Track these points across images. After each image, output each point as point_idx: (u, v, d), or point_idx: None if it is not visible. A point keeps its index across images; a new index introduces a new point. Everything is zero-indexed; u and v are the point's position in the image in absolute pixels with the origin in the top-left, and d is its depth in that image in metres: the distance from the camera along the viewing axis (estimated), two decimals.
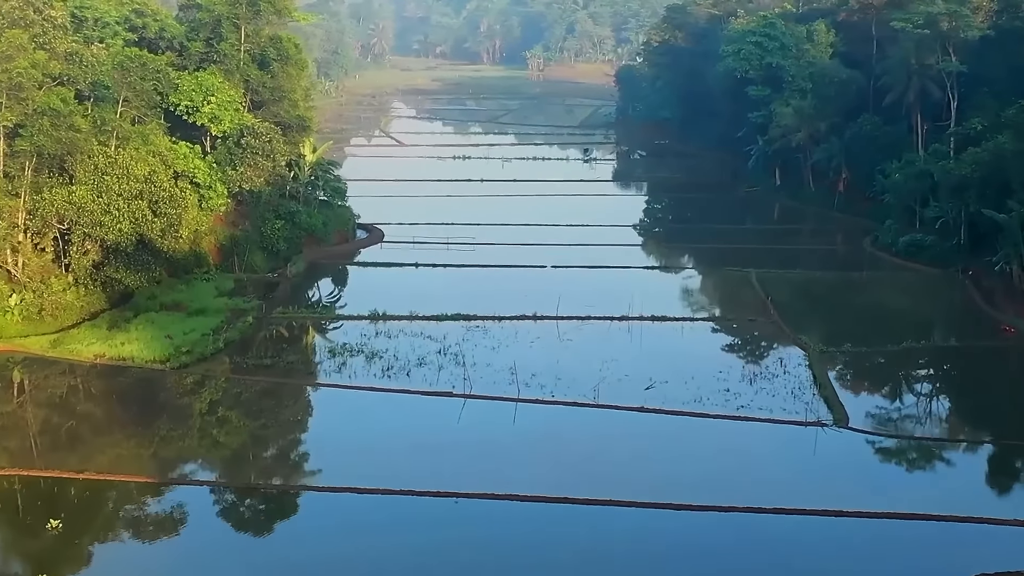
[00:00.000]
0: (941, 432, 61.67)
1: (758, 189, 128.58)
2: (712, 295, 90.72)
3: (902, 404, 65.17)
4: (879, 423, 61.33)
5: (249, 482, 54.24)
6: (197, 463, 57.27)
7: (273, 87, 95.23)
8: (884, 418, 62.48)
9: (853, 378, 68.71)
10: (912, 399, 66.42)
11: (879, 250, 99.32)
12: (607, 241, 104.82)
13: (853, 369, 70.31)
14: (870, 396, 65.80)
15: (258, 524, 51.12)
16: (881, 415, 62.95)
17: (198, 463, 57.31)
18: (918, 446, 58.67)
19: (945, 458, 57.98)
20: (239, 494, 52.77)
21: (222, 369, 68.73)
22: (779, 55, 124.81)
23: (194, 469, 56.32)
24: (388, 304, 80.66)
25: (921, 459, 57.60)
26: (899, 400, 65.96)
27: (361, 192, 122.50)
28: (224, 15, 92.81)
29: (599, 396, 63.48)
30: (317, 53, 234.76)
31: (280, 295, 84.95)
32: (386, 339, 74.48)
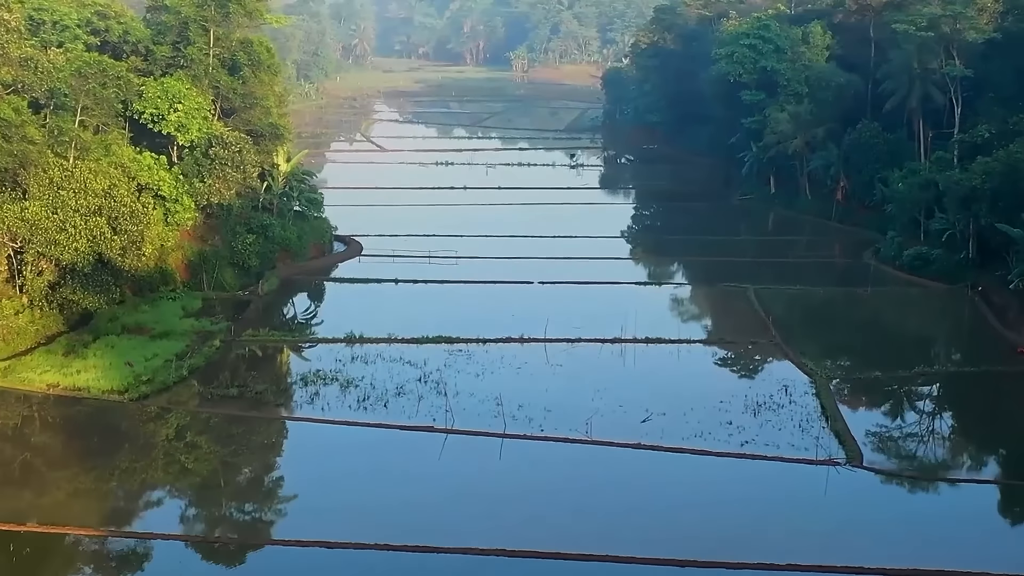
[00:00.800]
0: (963, 471, 56.93)
1: (752, 197, 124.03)
2: (709, 314, 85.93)
3: (918, 439, 60.31)
4: (895, 461, 56.67)
5: (208, 536, 49.22)
6: (152, 510, 52.16)
7: (244, 93, 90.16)
8: (900, 455, 57.85)
9: (864, 409, 63.97)
10: (928, 432, 61.55)
11: (882, 263, 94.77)
12: (596, 253, 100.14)
13: (863, 398, 65.67)
14: (883, 429, 60.91)
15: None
16: (896, 451, 58.31)
17: (153, 510, 52.19)
18: (939, 488, 53.96)
19: (971, 502, 53.22)
20: (196, 549, 47.72)
21: (185, 400, 63.67)
22: (774, 58, 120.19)
23: (147, 519, 51.18)
24: (365, 325, 75.92)
25: (943, 504, 52.87)
26: (915, 434, 61.09)
27: (339, 201, 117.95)
28: (191, 17, 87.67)
29: (592, 431, 58.69)
30: (297, 55, 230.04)
31: (251, 315, 79.95)
32: (362, 365, 69.55)
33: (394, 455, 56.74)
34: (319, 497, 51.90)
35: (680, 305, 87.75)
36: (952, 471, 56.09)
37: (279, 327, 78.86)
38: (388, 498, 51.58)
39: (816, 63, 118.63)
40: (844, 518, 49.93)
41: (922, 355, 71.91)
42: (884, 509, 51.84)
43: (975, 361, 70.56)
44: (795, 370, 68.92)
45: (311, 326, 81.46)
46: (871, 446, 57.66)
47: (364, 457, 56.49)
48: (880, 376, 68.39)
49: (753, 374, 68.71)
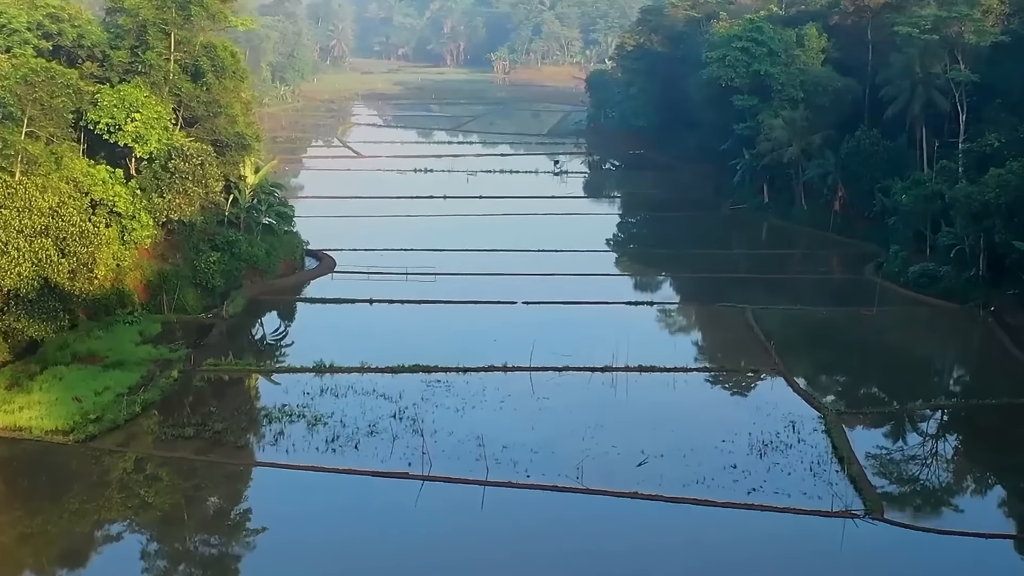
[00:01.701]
0: (994, 523, 51.47)
1: (744, 207, 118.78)
2: (705, 338, 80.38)
3: (942, 485, 55.01)
4: (918, 512, 51.31)
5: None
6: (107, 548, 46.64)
7: (207, 101, 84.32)
8: (923, 504, 52.58)
9: (880, 448, 58.48)
10: (952, 478, 56.22)
11: (885, 280, 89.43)
12: (583, 269, 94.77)
13: (879, 435, 60.28)
14: (902, 473, 55.64)
15: None
16: (919, 500, 53.08)
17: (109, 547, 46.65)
18: (968, 544, 48.60)
19: (1007, 561, 47.91)
20: None
21: (135, 442, 57.91)
22: (767, 62, 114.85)
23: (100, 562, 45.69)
24: (337, 351, 70.39)
25: (974, 562, 47.51)
26: (939, 479, 55.75)
27: (313, 211, 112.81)
28: (150, 20, 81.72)
29: (583, 476, 53.24)
30: (272, 56, 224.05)
31: (214, 340, 74.21)
32: (332, 398, 63.97)
33: (365, 508, 51.32)
34: (279, 567, 46.34)
35: (674, 328, 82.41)
36: (983, 523, 50.68)
37: (244, 354, 73.04)
38: (356, 562, 46.08)
39: (811, 67, 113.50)
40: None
41: (938, 385, 67.12)
42: (908, 568, 46.66)
43: (996, 391, 65.19)
44: (802, 403, 63.65)
45: (278, 353, 75.75)
46: (891, 494, 52.43)
47: (331, 510, 50.96)
48: (894, 410, 63.25)
49: (757, 408, 63.19)
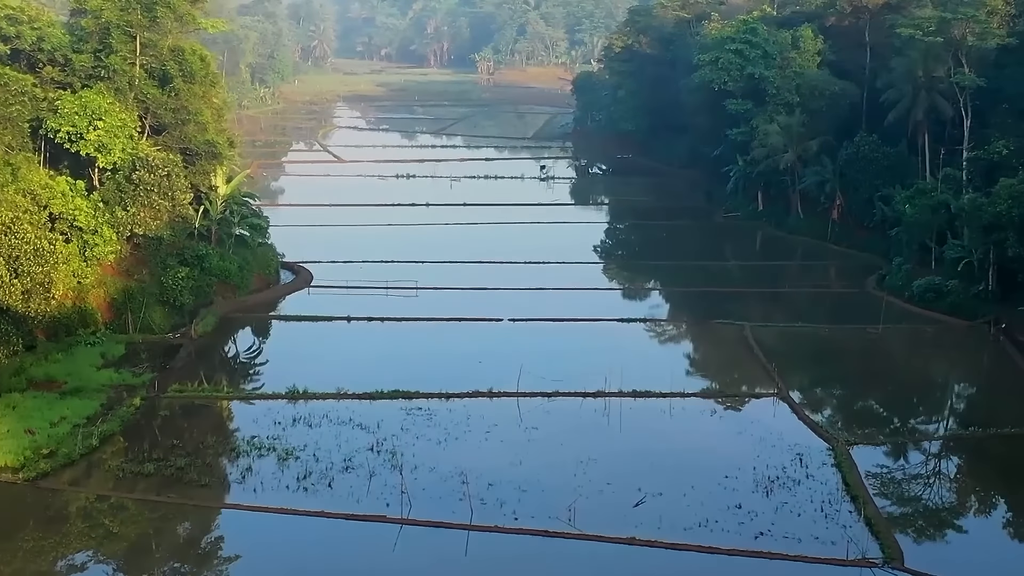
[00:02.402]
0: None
1: (738, 215, 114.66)
2: (702, 358, 76.04)
3: (966, 528, 50.82)
4: (942, 560, 47.01)
5: None
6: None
7: (175, 108, 79.82)
8: (947, 550, 48.34)
9: (894, 483, 54.31)
10: (977, 519, 52.05)
11: (888, 294, 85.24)
12: (571, 282, 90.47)
13: (891, 469, 56.02)
14: (922, 514, 51.42)
15: None
16: (942, 545, 48.83)
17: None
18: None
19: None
20: None
21: (90, 479, 53.46)
22: (761, 65, 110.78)
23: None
24: (312, 374, 66.07)
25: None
26: (961, 521, 51.54)
27: (290, 219, 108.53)
28: (113, 22, 77.16)
29: (576, 518, 48.93)
30: (251, 57, 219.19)
31: (181, 363, 69.77)
32: (306, 428, 59.57)
33: (337, 556, 46.79)
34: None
35: (668, 347, 78.24)
36: (1016, 573, 46.56)
37: (214, 377, 68.56)
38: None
39: (808, 70, 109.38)
40: None
41: (952, 412, 62.95)
42: None
43: (1016, 419, 60.98)
44: (808, 432, 59.50)
45: (250, 376, 71.20)
46: (910, 538, 48.19)
47: (300, 561, 46.43)
48: (908, 441, 59.18)
49: (760, 438, 58.87)
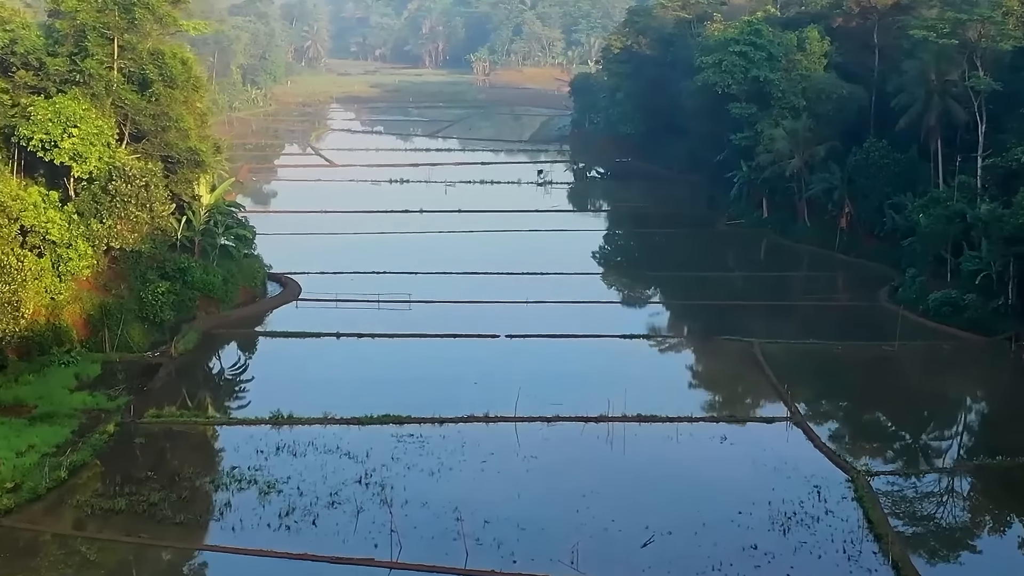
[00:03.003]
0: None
1: (742, 223, 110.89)
2: (710, 379, 72.16)
3: (998, 572, 47.18)
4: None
5: None
6: None
7: (156, 114, 76.03)
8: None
9: (920, 519, 50.61)
10: (1011, 559, 48.34)
11: (901, 307, 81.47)
12: (570, 295, 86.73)
13: (916, 503, 52.28)
14: (953, 557, 47.75)
15: None
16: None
17: None
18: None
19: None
20: None
21: (55, 517, 49.67)
22: (766, 67, 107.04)
23: None
24: (297, 397, 62.71)
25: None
26: (992, 563, 47.87)
27: (278, 227, 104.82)
28: (89, 24, 73.34)
29: (579, 561, 45.28)
30: (243, 58, 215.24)
31: (159, 384, 66.05)
32: (289, 457, 55.92)
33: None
34: None
35: (674, 366, 74.34)
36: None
37: (194, 399, 65.04)
38: None
39: (814, 72, 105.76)
40: None
41: (979, 441, 59.13)
42: None
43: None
44: (825, 461, 55.93)
45: (232, 397, 67.44)
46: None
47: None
48: (934, 472, 55.54)
49: (775, 468, 55.23)
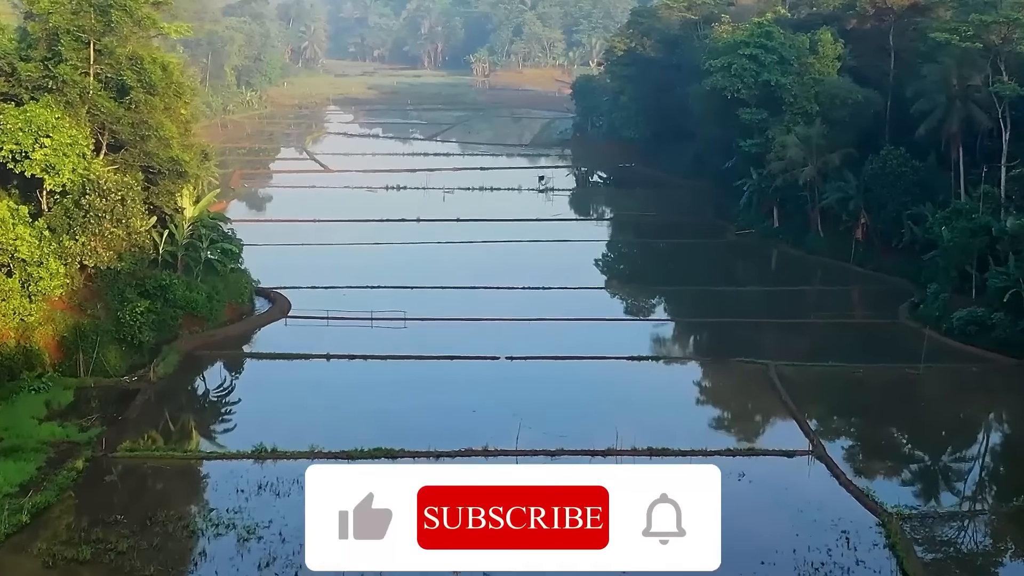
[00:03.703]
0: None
1: (752, 233, 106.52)
2: (723, 407, 67.53)
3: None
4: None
5: None
6: None
7: (135, 122, 71.70)
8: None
9: (959, 572, 46.32)
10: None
11: (924, 327, 77.20)
12: (574, 311, 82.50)
13: (956, 553, 47.96)
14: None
15: None
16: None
17: None
18: None
19: None
20: None
21: (11, 570, 45.33)
22: (778, 71, 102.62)
23: None
24: (283, 426, 58.67)
25: None
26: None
27: (269, 238, 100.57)
28: (62, 27, 69.03)
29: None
30: (237, 60, 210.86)
31: (135, 412, 61.70)
32: (272, 498, 51.60)
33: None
34: None
35: (685, 392, 69.75)
36: None
37: (171, 429, 60.83)
38: None
39: (828, 76, 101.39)
40: None
41: (1015, 476, 54.74)
42: None
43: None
44: (852, 502, 51.54)
45: (213, 427, 63.08)
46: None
47: None
48: (971, 514, 51.15)
49: (799, 510, 50.94)
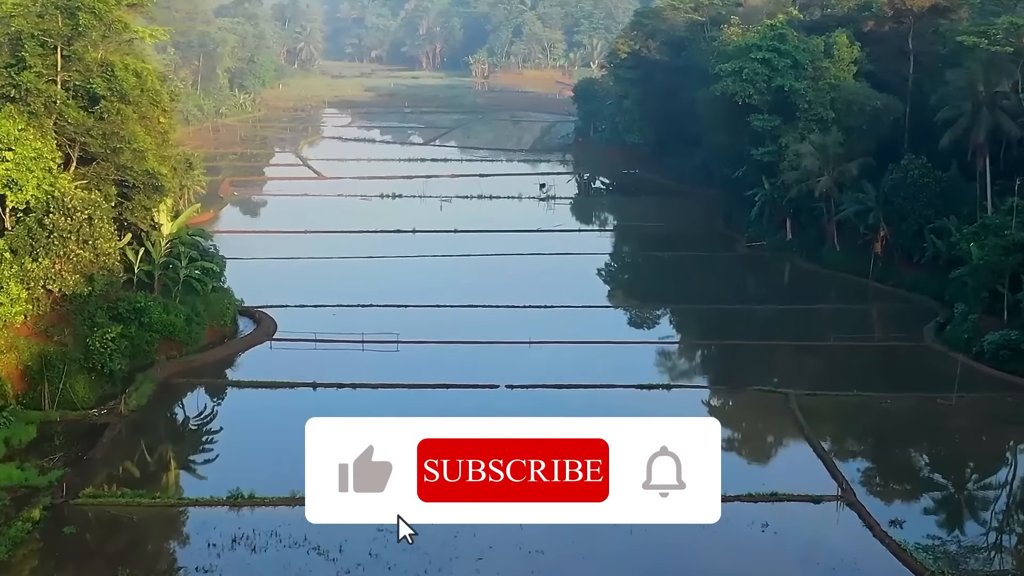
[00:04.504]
0: None
1: (763, 245, 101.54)
2: (742, 444, 62.14)
3: None
4: None
5: None
6: None
7: (106, 133, 66.62)
8: None
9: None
10: None
11: (952, 350, 72.32)
12: (577, 332, 77.47)
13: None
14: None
15: None
16: None
17: None
18: None
19: None
20: None
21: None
22: (791, 76, 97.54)
23: None
24: (262, 467, 54.07)
25: None
26: None
27: (257, 250, 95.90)
28: (26, 31, 63.99)
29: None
30: (230, 62, 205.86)
31: (103, 451, 56.83)
32: (247, 553, 46.82)
33: None
34: None
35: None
36: None
37: (141, 471, 55.82)
38: None
39: (843, 81, 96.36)
40: None
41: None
42: None
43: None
44: (890, 558, 46.60)
45: (186, 468, 58.06)
46: None
47: None
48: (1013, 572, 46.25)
49: (832, 568, 45.94)
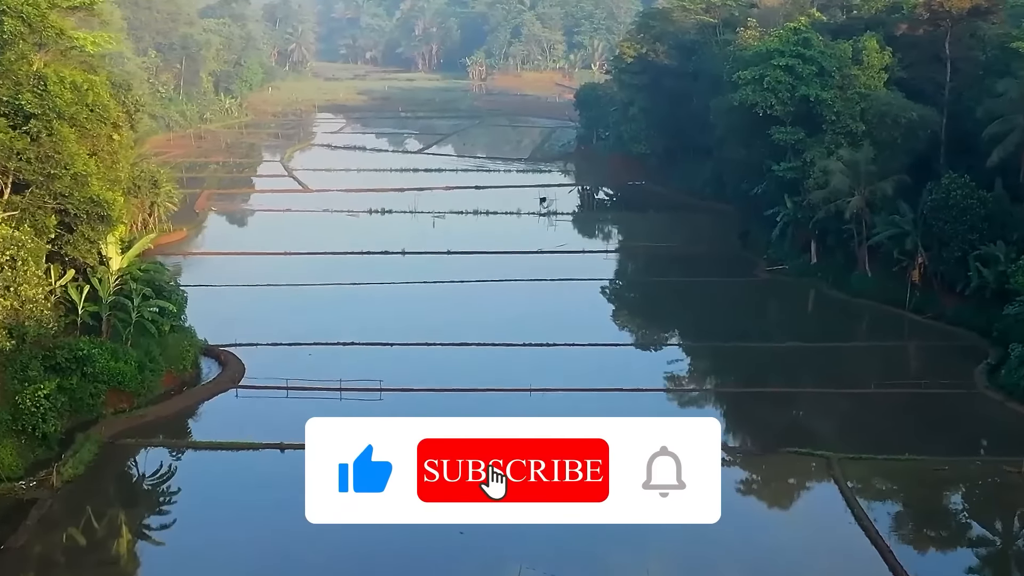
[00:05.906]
0: None
1: (785, 269, 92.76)
2: (782, 527, 52.72)
3: None
4: None
5: None
6: None
7: (39, 156, 57.66)
8: None
9: None
10: None
11: (1009, 398, 63.62)
12: (581, 379, 68.13)
13: None
14: None
15: None
16: None
17: None
18: None
19: None
20: None
21: None
22: (817, 84, 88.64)
23: None
24: (218, 558, 44.92)
25: None
26: None
27: (229, 276, 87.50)
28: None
29: None
30: (214, 65, 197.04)
31: (25, 538, 47.93)
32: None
33: None
34: None
35: (730, 506, 55.62)
36: None
37: (70, 562, 46.98)
38: None
39: (875, 90, 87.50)
40: None
41: None
42: None
43: None
44: None
45: (123, 565, 49.06)
46: None
47: None
48: None
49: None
